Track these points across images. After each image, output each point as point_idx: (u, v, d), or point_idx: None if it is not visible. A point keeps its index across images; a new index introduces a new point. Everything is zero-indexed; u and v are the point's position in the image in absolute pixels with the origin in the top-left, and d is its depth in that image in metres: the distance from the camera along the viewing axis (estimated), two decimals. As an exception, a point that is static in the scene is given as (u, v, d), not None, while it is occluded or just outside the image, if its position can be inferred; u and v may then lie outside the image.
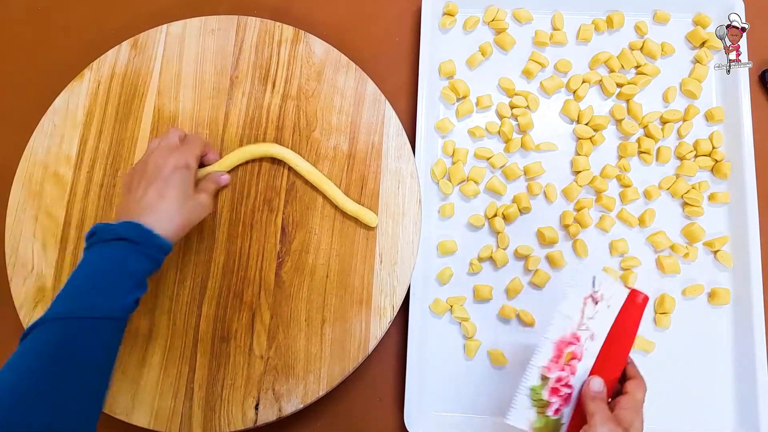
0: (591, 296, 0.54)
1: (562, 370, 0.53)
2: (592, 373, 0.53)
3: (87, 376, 0.49)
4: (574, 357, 0.53)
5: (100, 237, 0.53)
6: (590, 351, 0.53)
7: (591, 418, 0.50)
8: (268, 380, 0.62)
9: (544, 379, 0.53)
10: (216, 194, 0.66)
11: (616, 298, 0.54)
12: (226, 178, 0.66)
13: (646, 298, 0.54)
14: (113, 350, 0.52)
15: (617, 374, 0.53)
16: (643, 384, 0.52)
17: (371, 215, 0.65)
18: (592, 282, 0.54)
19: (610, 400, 0.52)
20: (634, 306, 0.54)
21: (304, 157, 0.67)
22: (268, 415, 0.61)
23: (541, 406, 0.52)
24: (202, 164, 0.66)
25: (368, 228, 0.66)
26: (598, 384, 0.51)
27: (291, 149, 0.68)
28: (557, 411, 0.52)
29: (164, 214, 0.56)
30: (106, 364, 0.51)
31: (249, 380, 0.62)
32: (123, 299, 0.52)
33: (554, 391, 0.53)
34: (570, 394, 0.52)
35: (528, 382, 0.53)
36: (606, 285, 0.54)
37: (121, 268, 0.52)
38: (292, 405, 0.62)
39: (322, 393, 0.62)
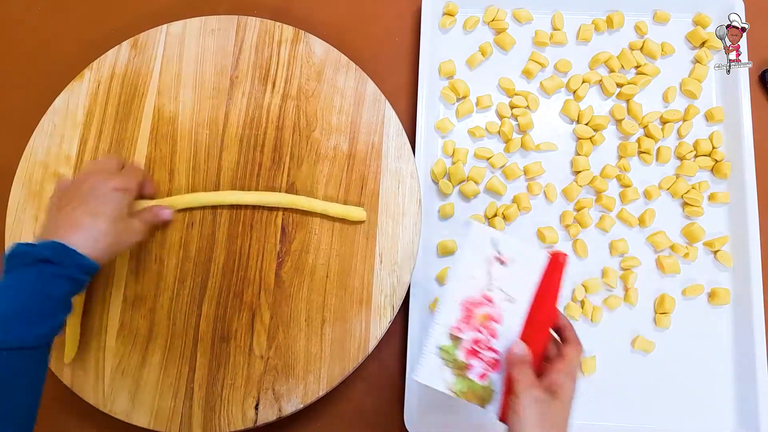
0: (496, 258, 0.53)
1: (478, 331, 0.52)
2: (521, 337, 0.52)
3: (9, 405, 0.46)
4: (491, 319, 0.53)
5: (21, 261, 0.50)
6: (512, 314, 0.52)
7: (515, 385, 0.49)
8: (268, 380, 0.62)
9: (456, 339, 0.52)
10: (151, 228, 0.64)
11: (534, 261, 0.53)
12: (167, 213, 0.64)
13: (565, 257, 0.53)
14: (35, 380, 0.49)
15: (545, 338, 0.52)
16: (579, 348, 0.51)
17: (358, 211, 0.65)
18: (493, 244, 0.53)
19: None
20: (555, 267, 0.53)
21: (304, 158, 0.67)
22: (268, 415, 0.61)
23: (459, 367, 0.52)
24: (141, 196, 0.64)
25: (368, 228, 0.66)
26: (520, 348, 0.51)
27: (291, 149, 0.68)
28: (483, 376, 0.52)
29: (92, 233, 0.54)
30: (31, 393, 0.48)
31: (249, 380, 0.62)
32: (43, 326, 0.50)
33: (472, 353, 0.52)
34: (498, 360, 0.52)
35: (434, 341, 0.52)
36: (509, 246, 0.53)
37: (42, 295, 0.50)
38: (292, 405, 0.62)
39: (322, 393, 0.62)
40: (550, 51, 0.75)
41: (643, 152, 0.71)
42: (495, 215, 0.70)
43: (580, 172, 0.71)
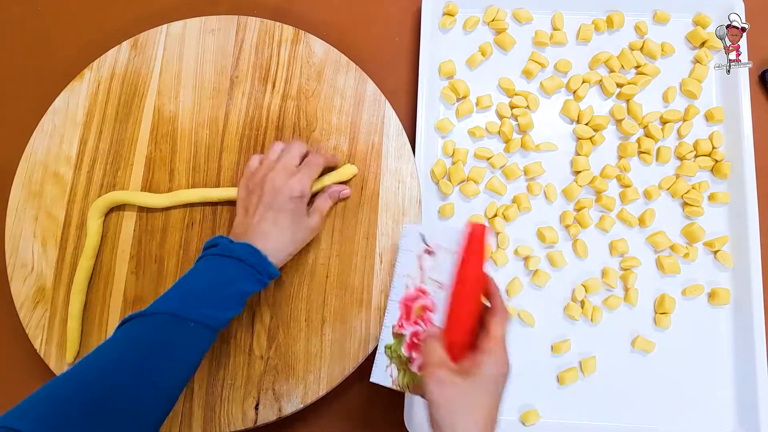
0: (425, 251, 0.55)
1: (417, 324, 0.54)
2: (446, 316, 0.52)
3: (171, 376, 0.50)
4: (426, 309, 0.54)
5: (221, 251, 0.55)
6: (443, 299, 0.53)
7: (422, 364, 0.49)
8: (268, 380, 0.62)
9: (399, 336, 0.55)
10: (331, 208, 0.65)
11: (454, 240, 0.53)
12: (346, 192, 0.66)
13: (483, 227, 0.52)
14: (201, 357, 0.53)
15: (473, 311, 0.51)
16: (503, 317, 0.50)
17: (350, 168, 0.66)
18: (422, 239, 0.55)
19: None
20: (473, 238, 0.52)
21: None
22: (268, 415, 0.61)
23: (403, 362, 0.54)
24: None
25: (368, 228, 0.66)
26: (428, 329, 0.52)
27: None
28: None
29: (277, 244, 0.57)
30: (191, 368, 0.52)
31: (249, 380, 0.62)
32: (227, 313, 0.53)
33: (413, 346, 0.54)
34: None
35: (382, 342, 0.56)
36: (434, 235, 0.54)
37: (234, 285, 0.54)
38: (292, 405, 0.62)
39: (322, 393, 0.62)
40: (550, 51, 0.75)
41: (643, 152, 0.71)
42: (495, 215, 0.70)
43: (580, 172, 0.71)
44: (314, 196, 0.64)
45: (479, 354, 0.48)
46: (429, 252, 0.56)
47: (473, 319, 0.51)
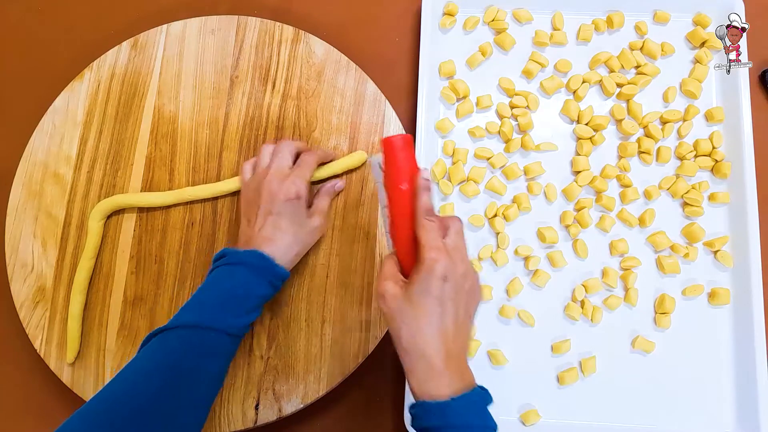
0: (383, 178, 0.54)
1: None
2: (391, 235, 0.53)
3: (203, 386, 0.51)
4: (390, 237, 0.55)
5: (230, 260, 0.56)
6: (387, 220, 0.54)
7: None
8: (268, 380, 0.62)
9: None
10: (330, 205, 0.66)
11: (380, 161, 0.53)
12: (341, 185, 0.66)
13: (392, 138, 0.52)
14: (227, 366, 0.54)
15: (405, 225, 0.51)
16: (431, 224, 0.49)
17: (360, 154, 0.66)
18: (379, 167, 0.53)
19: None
20: (388, 154, 0.52)
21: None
22: (268, 415, 0.61)
23: None
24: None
25: (368, 228, 0.66)
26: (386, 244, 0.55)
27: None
28: None
29: (281, 247, 0.58)
30: (221, 377, 0.53)
31: (249, 380, 0.62)
32: (244, 318, 0.54)
33: None
34: None
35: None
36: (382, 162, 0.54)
37: (246, 290, 0.55)
38: (292, 405, 0.62)
39: (322, 393, 0.62)
40: (550, 51, 0.75)
41: (643, 152, 0.71)
42: (495, 215, 0.70)
43: (580, 172, 0.71)
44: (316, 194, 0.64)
45: (417, 264, 0.49)
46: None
47: (408, 231, 0.51)
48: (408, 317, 0.47)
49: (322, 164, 0.66)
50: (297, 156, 0.64)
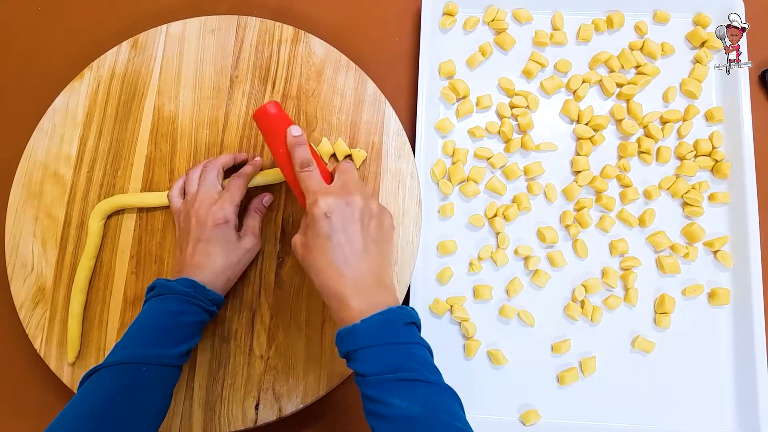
0: None
1: None
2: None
3: (141, 421, 0.50)
4: None
5: (159, 291, 0.56)
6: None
7: None
8: (268, 380, 0.62)
9: None
10: (262, 221, 0.65)
11: None
12: (268, 200, 0.66)
13: (259, 108, 0.57)
14: (169, 397, 0.53)
15: (291, 178, 0.57)
16: (307, 172, 0.55)
17: (358, 153, 0.67)
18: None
19: None
20: (259, 122, 0.58)
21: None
22: (268, 415, 0.61)
23: None
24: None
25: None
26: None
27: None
28: None
29: (213, 272, 0.58)
30: (161, 409, 0.52)
31: (249, 380, 0.62)
32: (180, 347, 0.54)
33: None
34: None
35: None
36: None
37: (178, 320, 0.54)
38: (292, 405, 0.62)
39: (322, 393, 0.62)
40: (550, 51, 0.75)
41: (643, 152, 0.71)
42: (495, 215, 0.70)
43: (580, 172, 0.71)
44: (246, 216, 0.64)
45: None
46: None
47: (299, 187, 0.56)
48: (310, 260, 0.52)
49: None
50: (232, 168, 0.65)
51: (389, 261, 0.54)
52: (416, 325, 0.51)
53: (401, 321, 0.49)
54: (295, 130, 0.56)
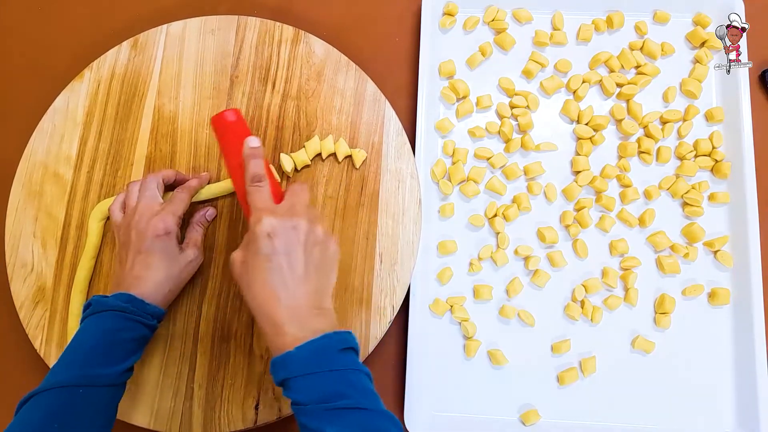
0: None
1: None
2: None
3: None
4: None
5: (94, 309, 0.54)
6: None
7: None
8: (268, 380, 0.62)
9: None
10: (205, 235, 0.65)
11: None
12: (211, 214, 0.65)
13: (216, 116, 0.58)
14: (111, 416, 0.52)
15: (241, 190, 0.56)
16: (253, 188, 0.54)
17: (359, 153, 0.66)
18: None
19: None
20: (215, 130, 0.59)
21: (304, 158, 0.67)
22: (268, 415, 0.61)
23: None
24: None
25: (368, 228, 0.66)
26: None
27: (291, 149, 0.68)
28: None
29: (152, 284, 0.57)
30: (103, 429, 0.51)
31: (249, 380, 0.62)
32: (120, 365, 0.52)
33: None
34: None
35: None
36: None
37: (116, 337, 0.53)
38: (292, 405, 0.62)
39: (322, 393, 0.62)
40: (550, 51, 0.75)
41: (643, 152, 0.71)
42: (495, 215, 0.70)
43: (580, 172, 0.71)
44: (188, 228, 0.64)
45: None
46: None
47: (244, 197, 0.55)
48: (246, 279, 0.50)
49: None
50: (176, 183, 0.64)
51: (330, 288, 0.52)
52: (354, 350, 0.49)
53: (337, 347, 0.47)
54: (252, 142, 0.55)
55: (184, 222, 0.63)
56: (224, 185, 0.66)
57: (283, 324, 0.47)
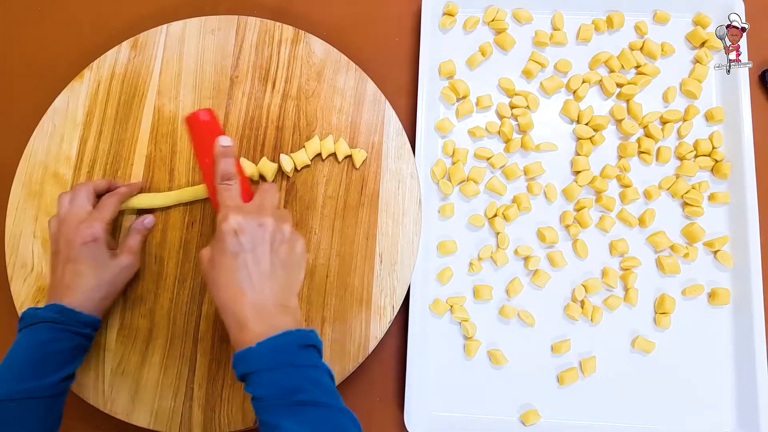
0: None
1: None
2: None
3: None
4: None
5: (26, 322, 0.54)
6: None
7: None
8: (268, 380, 0.62)
9: None
10: (144, 242, 0.65)
11: None
12: (149, 221, 0.65)
13: (202, 112, 0.58)
14: (49, 425, 0.52)
15: (212, 188, 0.57)
16: (223, 187, 0.54)
17: (359, 153, 0.66)
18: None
19: None
20: (188, 129, 0.59)
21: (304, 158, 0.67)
22: (268, 415, 0.61)
23: None
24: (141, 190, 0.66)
25: (368, 228, 0.66)
26: None
27: (291, 149, 0.68)
28: None
29: (84, 292, 0.57)
30: None
31: (249, 380, 0.62)
32: (55, 376, 0.52)
33: None
34: None
35: None
36: None
37: (48, 348, 0.53)
38: (292, 405, 0.62)
39: (322, 393, 0.62)
40: (550, 51, 0.75)
41: (643, 152, 0.71)
42: (495, 215, 0.70)
43: (580, 172, 0.71)
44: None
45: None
46: None
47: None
48: (213, 276, 0.50)
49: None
50: (105, 192, 0.64)
51: (297, 286, 0.52)
52: (317, 348, 0.49)
53: (298, 343, 0.47)
54: (224, 141, 0.56)
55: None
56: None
57: (247, 320, 0.48)
